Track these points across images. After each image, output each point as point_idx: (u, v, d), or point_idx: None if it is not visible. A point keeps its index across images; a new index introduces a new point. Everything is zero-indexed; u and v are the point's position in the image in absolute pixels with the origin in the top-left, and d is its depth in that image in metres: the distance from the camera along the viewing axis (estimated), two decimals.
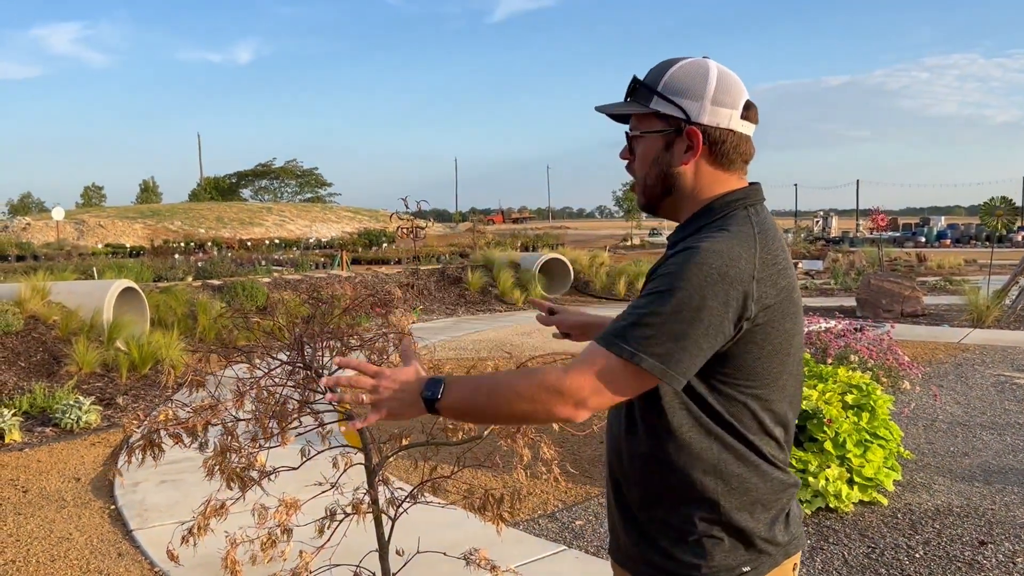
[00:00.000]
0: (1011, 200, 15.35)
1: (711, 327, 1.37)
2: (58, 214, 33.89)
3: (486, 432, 2.37)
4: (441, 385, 1.42)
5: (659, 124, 1.52)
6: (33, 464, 5.82)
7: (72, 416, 6.79)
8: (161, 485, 5.20)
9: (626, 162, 1.60)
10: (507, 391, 1.41)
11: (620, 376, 1.38)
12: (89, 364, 8.40)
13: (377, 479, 2.32)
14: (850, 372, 5.16)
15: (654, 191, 1.56)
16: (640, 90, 1.53)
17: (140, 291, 10.36)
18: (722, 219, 1.48)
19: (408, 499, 2.44)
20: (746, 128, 1.52)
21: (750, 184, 1.56)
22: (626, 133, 1.58)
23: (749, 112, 1.52)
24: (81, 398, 7.15)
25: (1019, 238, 32.92)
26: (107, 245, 31.28)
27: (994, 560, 3.86)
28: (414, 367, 1.48)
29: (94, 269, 14.83)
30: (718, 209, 1.50)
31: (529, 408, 1.40)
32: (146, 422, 2.30)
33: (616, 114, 1.58)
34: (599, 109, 1.57)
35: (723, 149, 1.50)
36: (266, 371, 2.36)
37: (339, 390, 1.46)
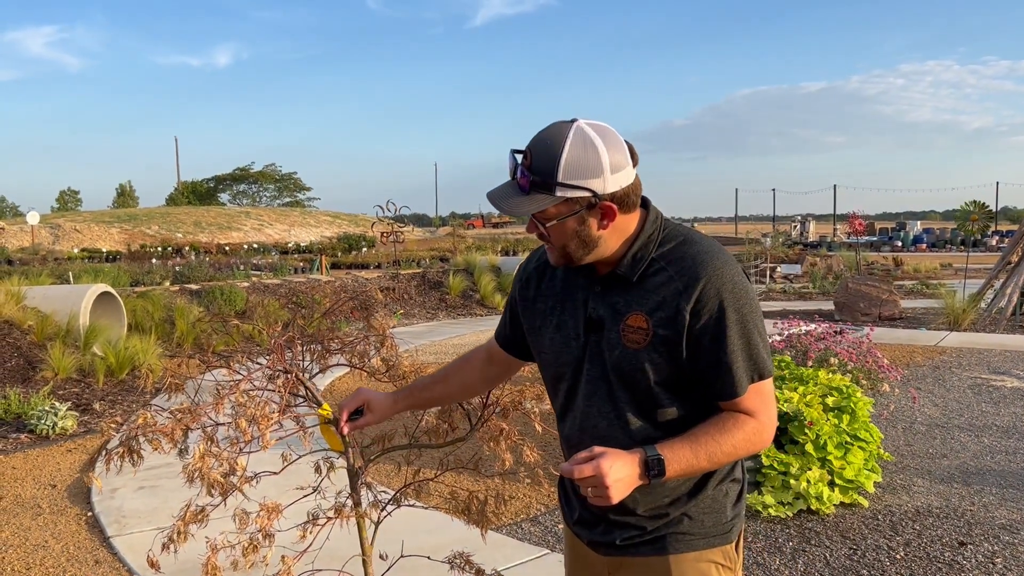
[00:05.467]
0: (986, 205, 15.55)
1: None
2: (33, 219, 33.55)
3: (467, 434, 2.36)
4: (662, 466, 1.51)
5: (567, 208, 1.56)
6: (8, 471, 5.73)
7: (48, 422, 6.70)
8: (139, 491, 5.13)
9: (538, 233, 1.62)
10: (728, 452, 1.57)
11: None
12: (65, 369, 8.30)
13: (360, 482, 2.29)
14: (830, 375, 5.19)
15: (576, 254, 1.62)
16: (541, 185, 1.54)
17: (117, 296, 10.25)
18: (679, 237, 1.64)
19: (391, 502, 2.42)
20: (634, 171, 1.61)
21: (646, 204, 1.67)
22: (532, 216, 1.59)
23: (633, 157, 1.60)
24: (57, 404, 7.05)
25: (993, 242, 33.33)
26: (83, 250, 30.98)
27: (974, 561, 3.88)
28: (613, 453, 1.50)
29: (70, 274, 14.67)
30: (657, 230, 1.64)
31: (742, 454, 1.61)
32: (124, 427, 2.26)
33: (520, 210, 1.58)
34: (502, 210, 1.57)
35: (630, 200, 1.60)
36: (246, 374, 2.33)
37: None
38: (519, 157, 1.57)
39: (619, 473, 1.46)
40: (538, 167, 1.54)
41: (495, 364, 2.04)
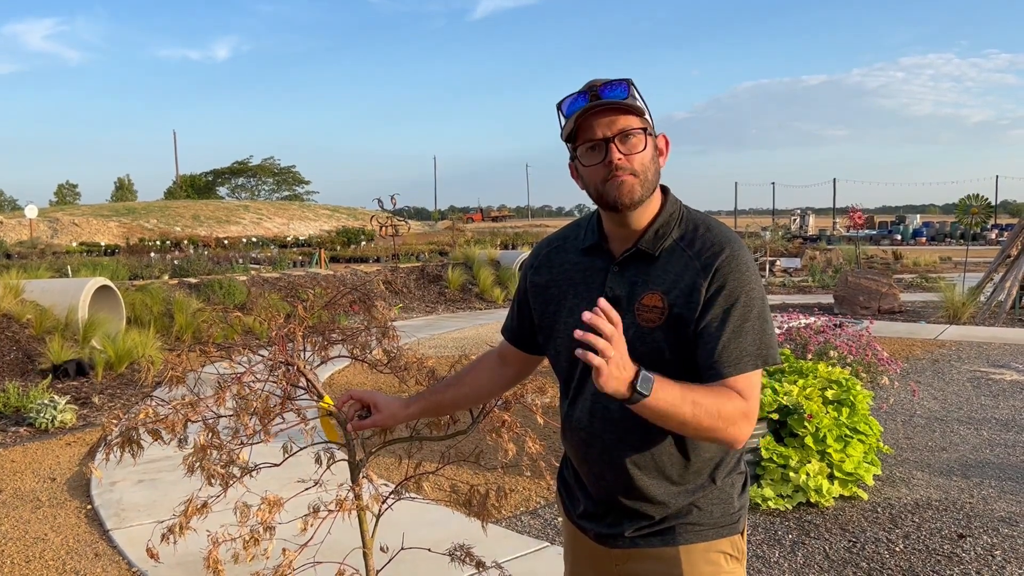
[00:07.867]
0: (986, 198, 15.54)
1: None
2: (31, 212, 33.49)
3: (468, 427, 2.36)
4: (652, 383, 1.42)
5: (645, 124, 1.62)
6: (7, 464, 5.73)
7: (47, 415, 6.70)
8: (138, 484, 5.13)
9: (616, 158, 1.59)
10: (711, 413, 1.50)
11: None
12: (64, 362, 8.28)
13: (361, 475, 2.29)
14: (830, 368, 5.19)
15: (649, 188, 1.64)
16: (636, 95, 1.61)
17: (116, 289, 10.24)
18: (698, 221, 1.69)
19: (392, 495, 2.42)
20: None
21: (665, 190, 1.74)
22: (622, 130, 1.59)
23: None
24: (56, 397, 7.05)
25: (993, 236, 33.35)
26: (81, 243, 30.95)
27: (973, 553, 3.89)
28: (625, 349, 1.43)
29: (68, 267, 14.65)
30: (678, 211, 1.70)
31: (721, 428, 1.52)
32: (124, 419, 2.26)
33: (622, 107, 1.58)
34: (615, 96, 1.58)
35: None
36: (247, 367, 2.33)
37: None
38: (595, 88, 1.59)
39: (622, 365, 1.38)
40: (620, 83, 1.60)
41: (509, 364, 2.02)
